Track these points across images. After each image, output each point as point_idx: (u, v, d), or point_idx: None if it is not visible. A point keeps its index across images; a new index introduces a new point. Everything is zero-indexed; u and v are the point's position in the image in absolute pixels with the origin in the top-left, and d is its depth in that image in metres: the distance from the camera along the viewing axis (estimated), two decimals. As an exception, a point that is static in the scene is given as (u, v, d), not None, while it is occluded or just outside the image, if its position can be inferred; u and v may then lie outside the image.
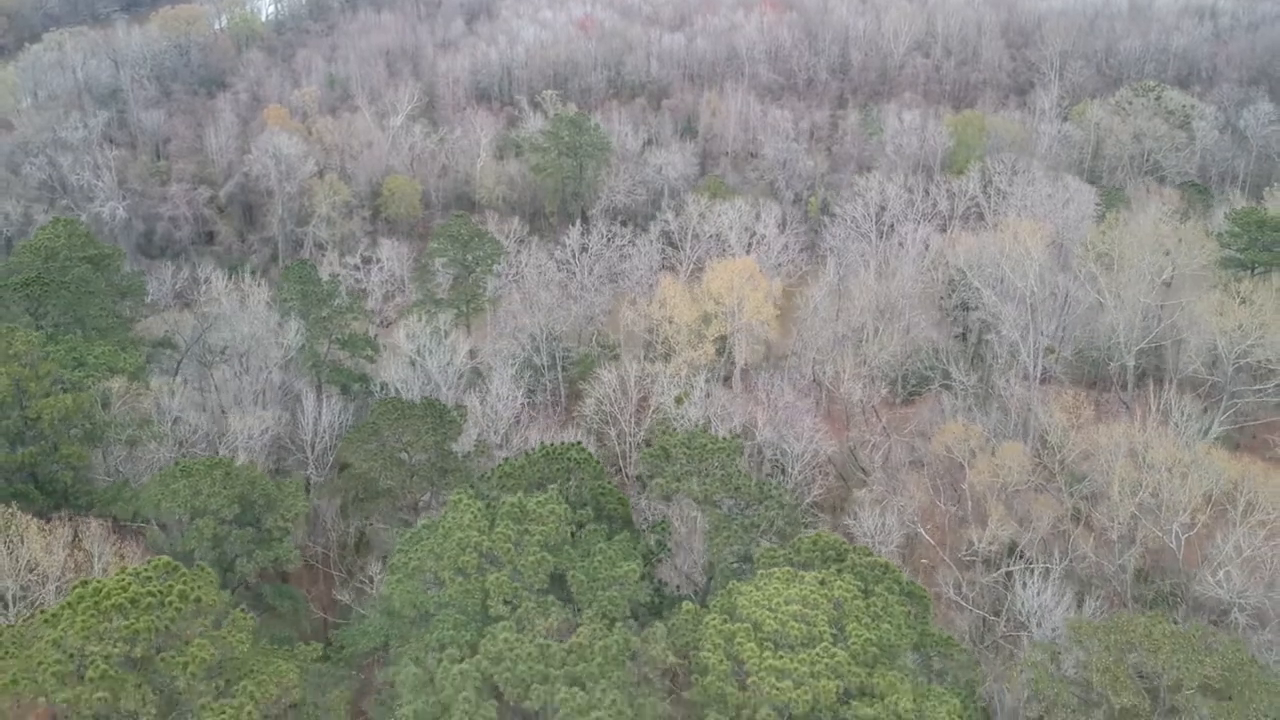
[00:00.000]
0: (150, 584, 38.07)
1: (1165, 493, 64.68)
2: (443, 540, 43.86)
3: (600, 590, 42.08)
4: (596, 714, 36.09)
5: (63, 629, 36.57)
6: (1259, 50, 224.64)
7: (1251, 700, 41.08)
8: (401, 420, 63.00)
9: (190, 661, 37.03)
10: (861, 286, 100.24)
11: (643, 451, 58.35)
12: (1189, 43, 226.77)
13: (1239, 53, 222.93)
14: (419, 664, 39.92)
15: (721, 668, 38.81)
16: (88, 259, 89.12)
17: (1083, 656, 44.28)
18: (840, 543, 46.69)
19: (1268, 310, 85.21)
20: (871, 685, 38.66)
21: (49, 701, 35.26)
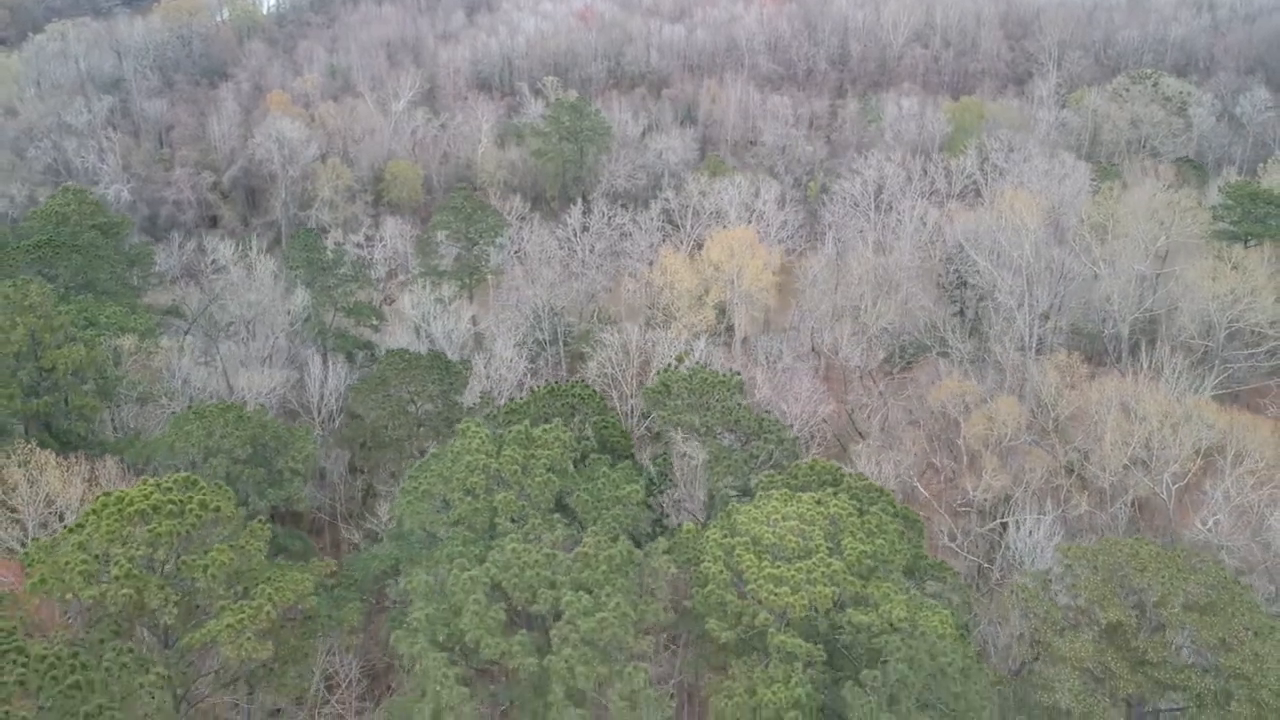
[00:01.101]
0: (171, 494, 39.43)
1: (1156, 444, 66.02)
2: (451, 465, 45.21)
3: (604, 510, 43.43)
4: (601, 615, 37.37)
5: (87, 533, 37.95)
6: (1256, 41, 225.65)
7: (1234, 615, 42.36)
8: (408, 371, 64.32)
9: (210, 565, 38.37)
10: (859, 259, 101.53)
11: (644, 389, 59.61)
12: (1187, 33, 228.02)
13: (1236, 44, 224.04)
14: (430, 572, 41.25)
15: (721, 577, 40.12)
16: (96, 227, 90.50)
17: (1072, 580, 45.55)
18: (836, 468, 48.08)
19: (1259, 276, 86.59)
20: (866, 595, 39.96)
21: (76, 599, 36.55)
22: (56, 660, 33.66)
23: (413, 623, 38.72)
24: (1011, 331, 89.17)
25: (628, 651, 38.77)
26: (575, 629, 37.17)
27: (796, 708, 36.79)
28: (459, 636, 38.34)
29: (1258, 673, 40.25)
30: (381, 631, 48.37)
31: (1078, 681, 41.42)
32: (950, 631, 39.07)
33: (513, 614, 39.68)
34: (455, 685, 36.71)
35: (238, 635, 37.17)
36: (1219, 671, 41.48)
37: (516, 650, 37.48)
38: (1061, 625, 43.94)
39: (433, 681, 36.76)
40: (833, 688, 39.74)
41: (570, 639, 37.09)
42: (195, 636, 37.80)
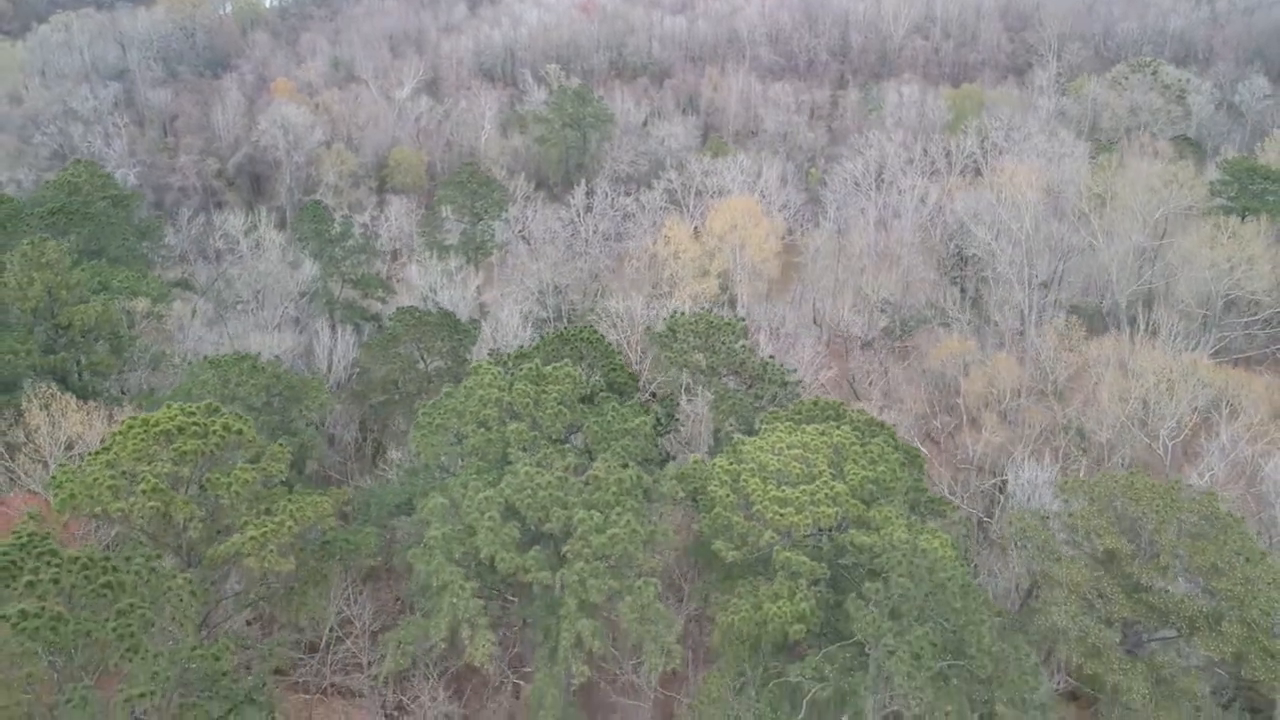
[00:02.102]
0: (195, 417, 40.62)
1: (1153, 401, 67.20)
2: (464, 400, 46.38)
3: (614, 440, 44.59)
4: (612, 531, 38.54)
5: (114, 453, 39.14)
6: (1255, 33, 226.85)
7: (1226, 543, 43.55)
8: (418, 328, 65.50)
9: (234, 482, 39.57)
10: (861, 232, 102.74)
11: (650, 332, 60.85)
12: (1186, 25, 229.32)
13: (1235, 35, 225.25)
14: (445, 495, 42.42)
15: (728, 500, 41.28)
16: (107, 199, 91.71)
17: (1069, 512, 46.76)
18: (839, 404, 49.29)
19: (1256, 246, 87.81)
20: (868, 519, 41.14)
21: (104, 515, 37.71)
22: (89, 562, 34.84)
23: (429, 541, 39.89)
24: (1011, 301, 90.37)
25: (638, 568, 39.99)
26: (587, 544, 38.36)
27: (801, 621, 37.99)
28: (474, 554, 39.51)
29: (1248, 594, 41.43)
30: (399, 558, 49.46)
31: (1074, 604, 42.58)
32: (950, 554, 40.23)
33: (526, 533, 40.83)
34: (471, 598, 37.90)
35: (261, 548, 38.38)
36: (1212, 595, 42.65)
37: (531, 565, 38.69)
38: (1058, 554, 45.10)
39: (449, 595, 37.95)
40: (835, 609, 40.92)
41: (582, 554, 38.28)
42: (220, 550, 39.00)
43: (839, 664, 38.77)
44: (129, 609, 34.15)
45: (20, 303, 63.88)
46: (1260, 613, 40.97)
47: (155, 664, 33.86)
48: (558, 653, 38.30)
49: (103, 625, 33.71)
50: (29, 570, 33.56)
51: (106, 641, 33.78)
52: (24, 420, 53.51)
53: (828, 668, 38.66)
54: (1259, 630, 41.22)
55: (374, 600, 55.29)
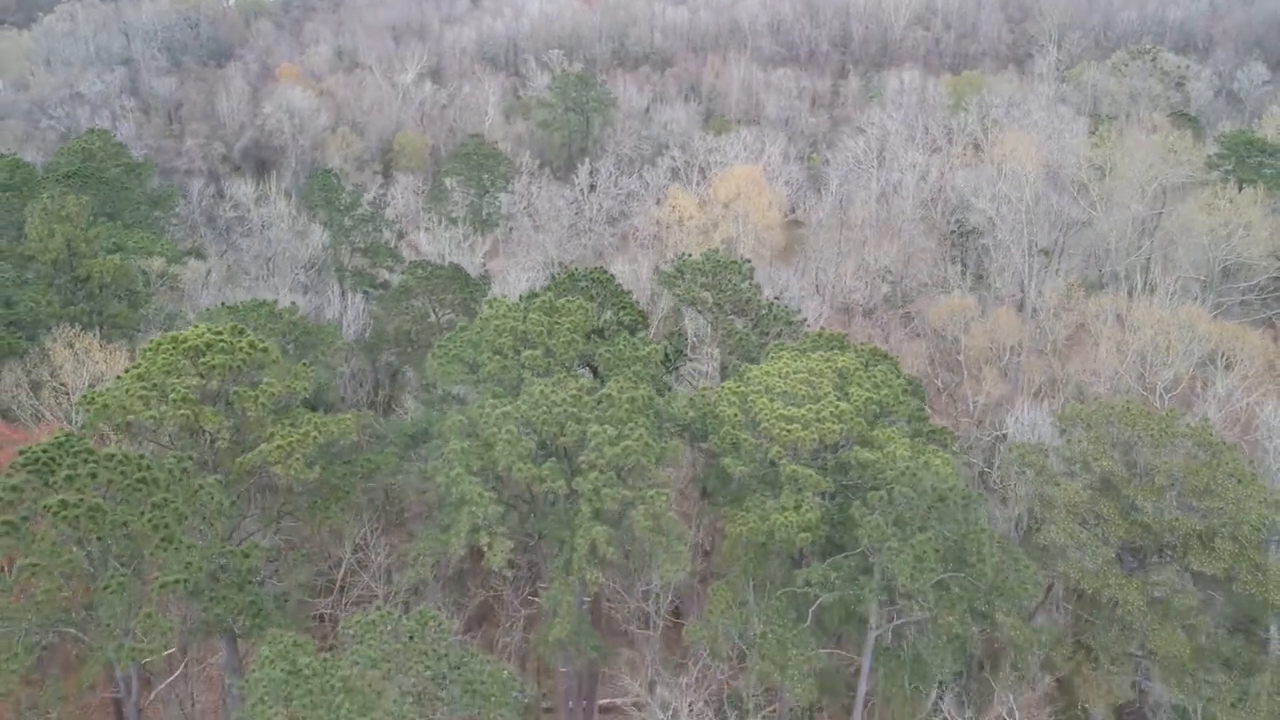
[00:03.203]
0: (222, 336, 41.94)
1: (1151, 353, 68.50)
2: (480, 331, 47.76)
3: (626, 367, 45.92)
4: (625, 444, 39.84)
5: (145, 367, 40.48)
6: (1255, 23, 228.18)
7: (1219, 466, 44.87)
8: (430, 281, 66.86)
9: (260, 395, 40.91)
10: (863, 204, 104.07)
11: (659, 272, 62.20)
12: (1185, 15, 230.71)
13: (1235, 26, 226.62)
14: (463, 414, 43.74)
15: (736, 419, 42.62)
16: (121, 166, 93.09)
17: (1067, 438, 48.11)
18: (843, 336, 50.68)
19: (1253, 213, 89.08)
20: (871, 438, 42.48)
21: (136, 421, 39.01)
22: (124, 459, 36.16)
23: (448, 454, 41.20)
24: (1011, 267, 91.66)
25: (649, 479, 41.31)
26: (601, 455, 39.66)
27: (808, 530, 39.29)
28: (492, 467, 40.81)
29: (1239, 513, 42.74)
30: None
31: (1071, 523, 43.89)
32: (952, 472, 41.57)
33: (541, 447, 42.14)
34: (491, 504, 39.20)
35: (287, 456, 39.69)
36: (1205, 515, 43.93)
37: (547, 475, 40.00)
38: (1057, 479, 46.42)
39: (468, 503, 39.23)
40: (840, 525, 42.26)
41: (597, 464, 39.58)
42: (247, 458, 40.33)
43: (844, 572, 40.08)
44: (163, 503, 35.50)
45: (41, 255, 65.21)
46: (1251, 529, 42.29)
47: (189, 555, 35.23)
48: (572, 563, 39.58)
49: (138, 517, 35.05)
50: (67, 466, 34.90)
51: (142, 532, 35.12)
52: (49, 359, 54.84)
53: (833, 575, 39.98)
54: (1249, 546, 42.54)
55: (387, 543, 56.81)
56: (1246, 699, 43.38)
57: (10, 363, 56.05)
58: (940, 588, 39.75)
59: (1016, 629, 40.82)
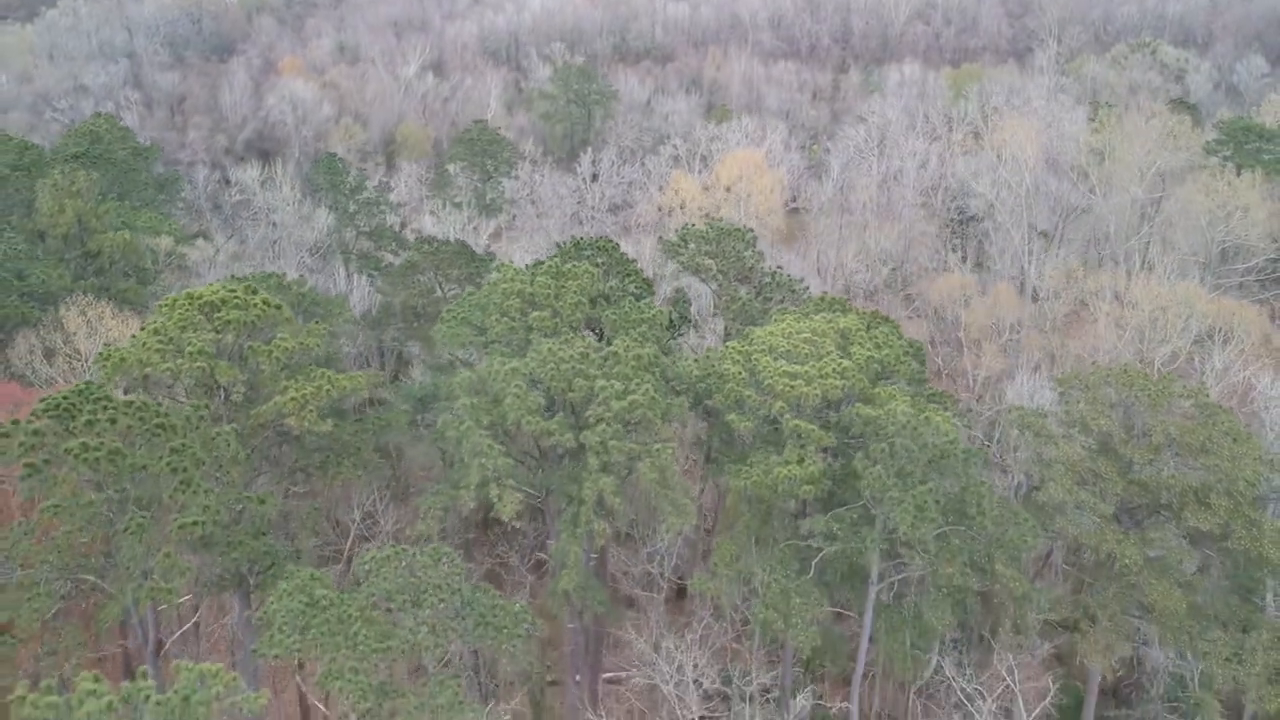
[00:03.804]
0: (236, 293, 42.76)
1: (1148, 329, 69.30)
2: (487, 294, 48.59)
3: (631, 328, 46.72)
4: (632, 398, 40.61)
5: (162, 322, 41.29)
6: (1254, 18, 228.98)
7: (1215, 425, 45.66)
8: (436, 256, 67.65)
9: (274, 349, 41.71)
10: (863, 189, 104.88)
11: (663, 241, 63.01)
12: (1185, 10, 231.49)
13: (1234, 20, 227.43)
14: (472, 372, 44.50)
15: (740, 376, 43.38)
16: (128, 149, 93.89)
17: (1065, 401, 48.91)
18: (845, 300, 51.50)
19: (1251, 195, 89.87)
20: (874, 395, 43.27)
21: (154, 372, 39.78)
22: (142, 406, 36.94)
23: (458, 409, 41.97)
24: (1011, 249, 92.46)
25: (656, 433, 42.10)
26: (608, 409, 40.43)
27: (811, 483, 40.06)
28: (501, 422, 41.57)
29: (1234, 469, 43.51)
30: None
31: (1070, 480, 44.64)
32: (952, 428, 42.35)
33: (549, 403, 42.91)
34: (501, 456, 39.96)
35: (301, 408, 40.46)
36: (1202, 471, 44.69)
37: (555, 428, 40.75)
38: (1056, 439, 47.19)
39: (479, 455, 39.98)
40: (843, 481, 43.05)
41: (604, 417, 40.34)
42: (262, 410, 41.11)
43: (846, 523, 40.86)
44: (181, 448, 36.29)
45: (53, 229, 66.06)
46: (1246, 484, 43.08)
47: (206, 499, 36.01)
48: (580, 515, 40.33)
49: (157, 461, 35.83)
50: (87, 412, 35.68)
51: (161, 475, 35.90)
52: (62, 327, 55.65)
53: (835, 526, 40.75)
54: (1244, 502, 43.32)
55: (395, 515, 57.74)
56: (1242, 654, 44.10)
57: (24, 331, 56.90)
58: (940, 540, 40.52)
59: (1015, 580, 41.60)
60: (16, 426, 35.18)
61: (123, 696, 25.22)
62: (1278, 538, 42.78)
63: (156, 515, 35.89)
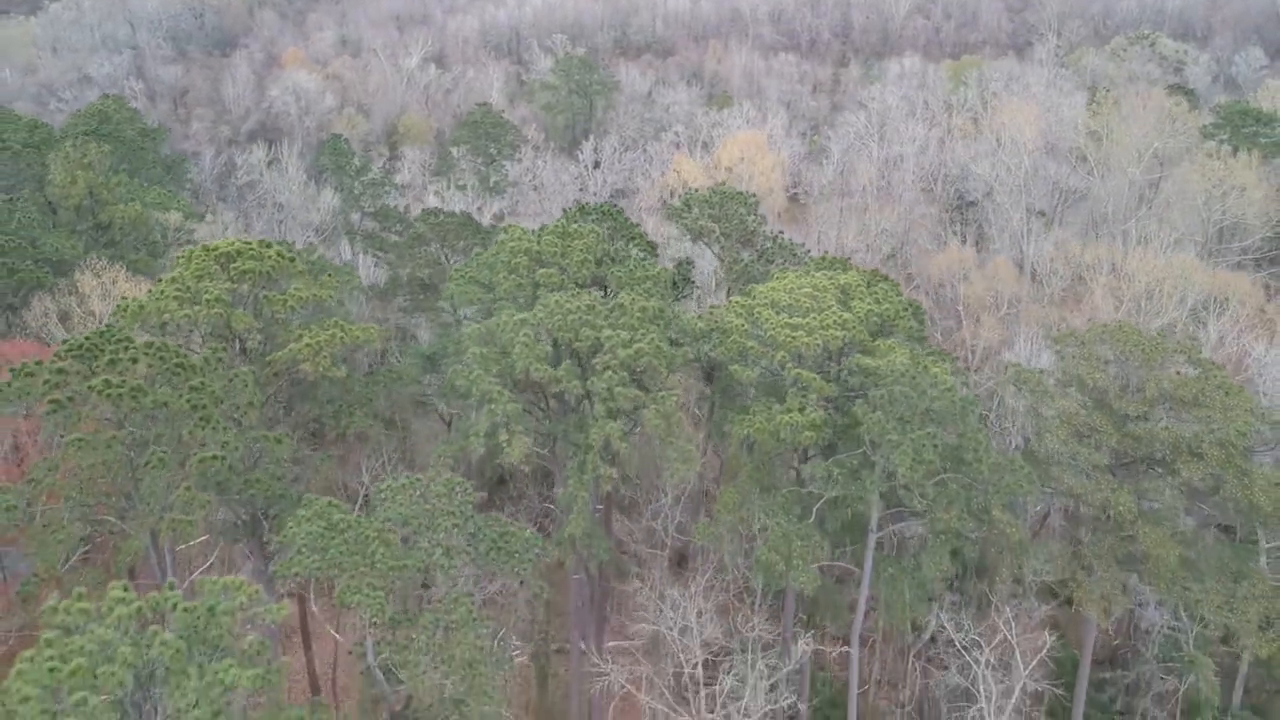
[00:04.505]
0: (251, 245, 43.78)
1: (1144, 300, 70.33)
2: (495, 253, 49.63)
3: (637, 285, 47.69)
4: (638, 346, 41.58)
5: (179, 271, 42.32)
6: (1253, 12, 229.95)
7: (1207, 379, 46.65)
8: (442, 228, 68.66)
9: (289, 298, 42.75)
10: (864, 171, 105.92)
11: (667, 205, 64.09)
12: (1184, 4, 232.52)
13: (1233, 14, 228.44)
14: (481, 325, 45.49)
15: (743, 328, 44.38)
16: (136, 130, 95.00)
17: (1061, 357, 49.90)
18: (846, 260, 52.51)
19: (1248, 175, 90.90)
20: (874, 347, 44.27)
21: (171, 320, 40.81)
22: (162, 346, 37.97)
23: (468, 359, 42.96)
24: (1009, 229, 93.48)
25: (661, 382, 43.11)
26: (615, 356, 41.39)
27: (812, 429, 41.03)
28: (509, 371, 42.54)
29: (1226, 419, 44.50)
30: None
31: (1065, 431, 45.63)
32: (951, 381, 43.31)
33: (557, 353, 43.90)
34: (510, 402, 40.93)
35: (316, 353, 41.50)
36: (1194, 422, 45.67)
37: (562, 375, 41.73)
38: (1052, 393, 48.19)
39: (488, 402, 40.95)
40: (844, 431, 44.03)
41: (611, 365, 41.31)
42: (277, 355, 42.15)
43: (846, 468, 41.85)
44: (201, 386, 37.31)
45: (65, 200, 67.05)
46: (1236, 434, 44.02)
47: (225, 435, 37.03)
48: (587, 462, 41.31)
49: (178, 398, 36.83)
50: (109, 353, 36.68)
51: (181, 412, 36.89)
52: (76, 290, 56.68)
53: (835, 471, 41.74)
54: (1235, 452, 44.27)
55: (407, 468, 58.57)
56: (1233, 603, 45.06)
57: (39, 294, 57.94)
58: (939, 486, 41.49)
59: (1011, 527, 42.56)
60: (40, 366, 36.23)
61: (151, 604, 26.19)
62: (1268, 486, 43.72)
63: (176, 452, 36.86)
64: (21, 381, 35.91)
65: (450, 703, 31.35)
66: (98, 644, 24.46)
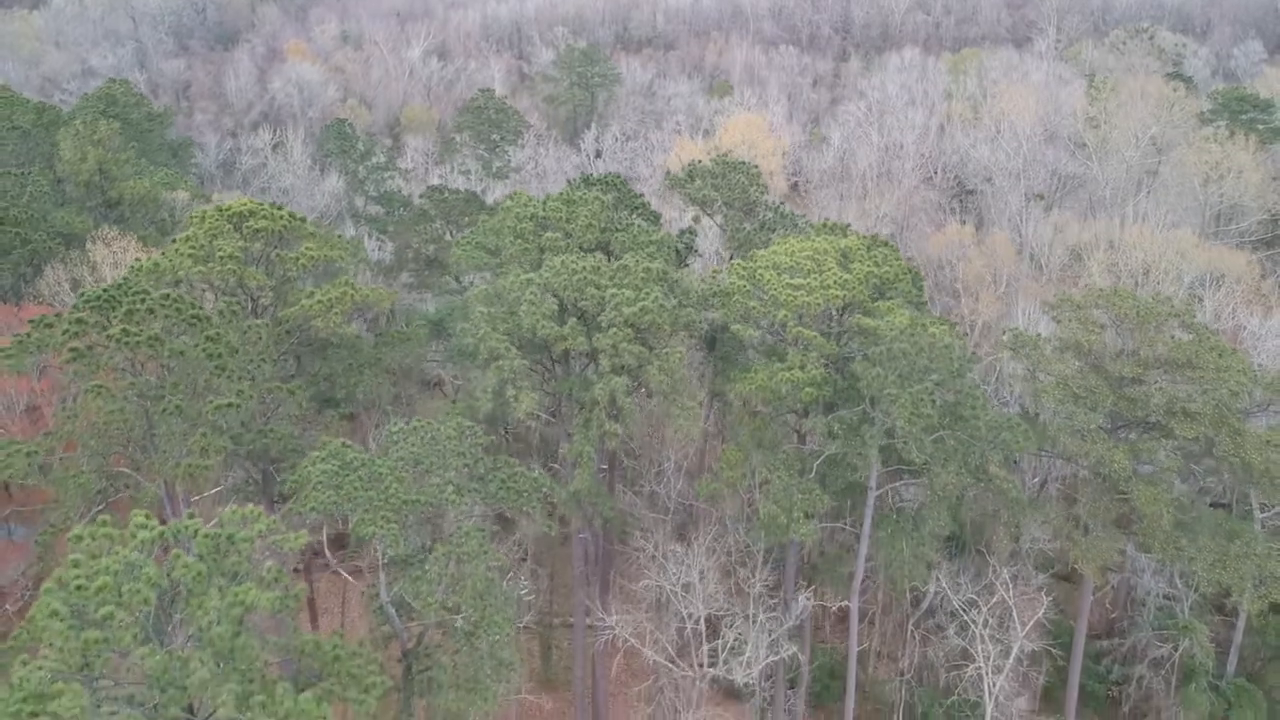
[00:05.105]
0: (264, 206, 44.63)
1: (1140, 275, 71.16)
2: (501, 219, 50.48)
3: (641, 249, 48.49)
4: (642, 304, 42.42)
5: (193, 230, 43.19)
6: (1252, 7, 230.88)
7: (1203, 343, 47.48)
8: (447, 204, 69.52)
9: (301, 256, 43.61)
10: (865, 155, 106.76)
11: (669, 175, 64.91)
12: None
13: (1232, 9, 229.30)
14: (488, 286, 46.35)
15: (745, 289, 45.22)
16: (143, 114, 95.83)
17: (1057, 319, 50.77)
18: (846, 225, 53.36)
19: (1245, 158, 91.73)
20: (874, 308, 45.10)
21: (186, 276, 41.68)
22: (178, 298, 38.79)
23: (475, 318, 43.78)
24: (1008, 213, 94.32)
25: (664, 340, 43.96)
26: (620, 314, 42.23)
27: (813, 386, 41.88)
28: (516, 330, 43.36)
29: (1219, 379, 45.34)
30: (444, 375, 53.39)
31: (1061, 390, 46.45)
32: (949, 339, 44.15)
33: (563, 312, 44.73)
34: (517, 358, 41.76)
35: (327, 310, 42.39)
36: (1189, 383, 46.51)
37: (569, 333, 42.58)
38: (1048, 353, 49.03)
39: (495, 359, 41.77)
40: (844, 391, 44.86)
41: (616, 322, 42.14)
42: (290, 311, 43.02)
43: (845, 423, 42.70)
44: (216, 336, 38.17)
45: (75, 176, 67.89)
46: (1229, 393, 44.87)
47: (240, 384, 37.87)
48: (592, 419, 42.14)
49: (194, 347, 37.68)
50: (126, 304, 37.50)
51: (197, 360, 37.74)
52: (88, 258, 57.57)
53: (836, 426, 42.59)
54: (1228, 411, 45.13)
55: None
56: (1226, 560, 45.86)
57: (52, 263, 58.84)
58: (937, 443, 42.28)
59: (1008, 483, 43.41)
60: (59, 318, 37.09)
61: (172, 531, 27.05)
62: (1260, 444, 44.60)
63: (192, 400, 37.67)
64: (41, 332, 36.78)
65: (461, 634, 32.26)
66: (123, 564, 25.28)
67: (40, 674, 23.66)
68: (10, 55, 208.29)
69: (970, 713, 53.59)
